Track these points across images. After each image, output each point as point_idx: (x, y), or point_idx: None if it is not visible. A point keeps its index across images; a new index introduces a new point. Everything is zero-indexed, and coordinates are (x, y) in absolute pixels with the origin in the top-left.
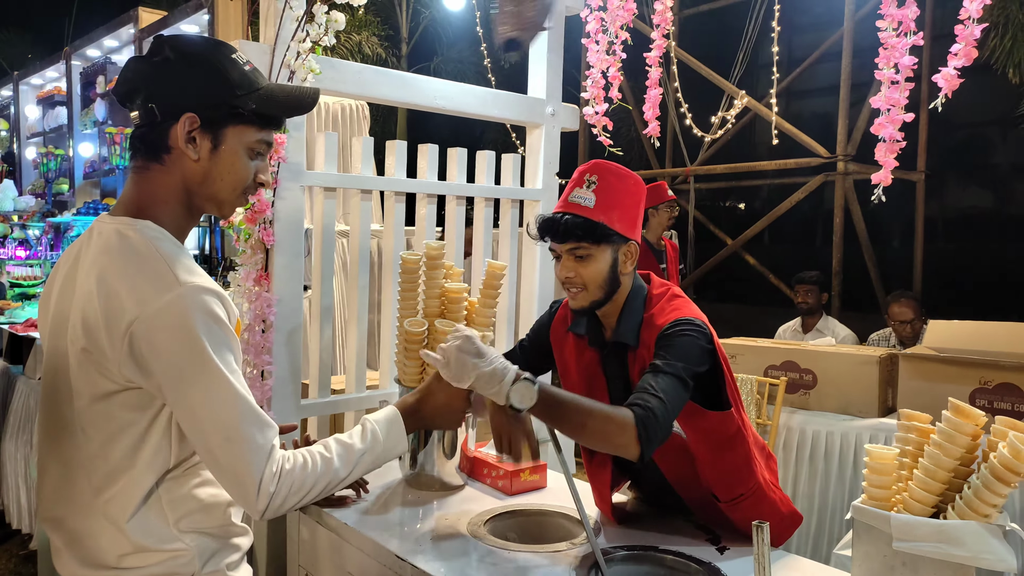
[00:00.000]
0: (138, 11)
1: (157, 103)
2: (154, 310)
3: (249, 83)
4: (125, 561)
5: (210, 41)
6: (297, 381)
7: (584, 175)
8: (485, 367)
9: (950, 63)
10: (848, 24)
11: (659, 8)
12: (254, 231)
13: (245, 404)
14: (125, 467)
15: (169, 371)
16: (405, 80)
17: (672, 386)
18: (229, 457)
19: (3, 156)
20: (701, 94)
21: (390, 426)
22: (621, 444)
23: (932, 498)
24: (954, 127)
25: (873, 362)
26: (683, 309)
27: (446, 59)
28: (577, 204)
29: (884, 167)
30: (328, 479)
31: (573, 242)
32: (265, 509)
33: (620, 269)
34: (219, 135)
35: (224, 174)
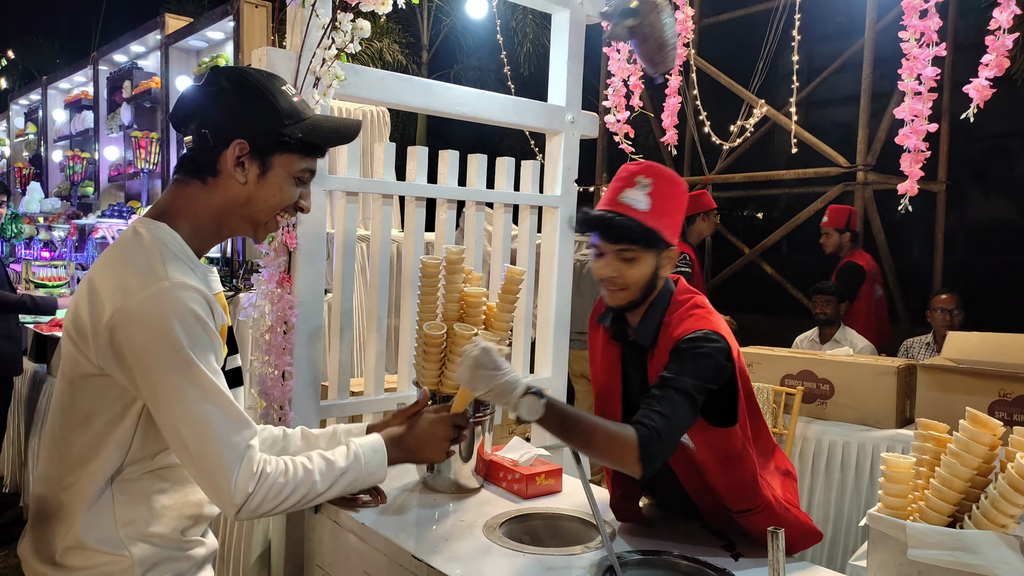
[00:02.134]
0: (164, 17)
1: (210, 129)
2: (135, 302)
3: (297, 113)
4: (67, 557)
5: (263, 73)
6: (317, 383)
7: (636, 176)
8: (499, 379)
9: (981, 73)
10: (869, 34)
11: (680, 17)
12: (277, 234)
13: (222, 401)
14: (88, 456)
15: (144, 363)
16: (428, 87)
17: (679, 404)
18: (202, 455)
19: (31, 159)
20: (720, 103)
21: (374, 453)
22: (623, 462)
23: (948, 507)
24: (975, 138)
25: (891, 372)
26: (704, 320)
27: (466, 66)
28: (629, 206)
29: (910, 177)
30: (306, 491)
31: (625, 244)
32: (240, 508)
33: (660, 273)
34: (267, 162)
35: (269, 198)
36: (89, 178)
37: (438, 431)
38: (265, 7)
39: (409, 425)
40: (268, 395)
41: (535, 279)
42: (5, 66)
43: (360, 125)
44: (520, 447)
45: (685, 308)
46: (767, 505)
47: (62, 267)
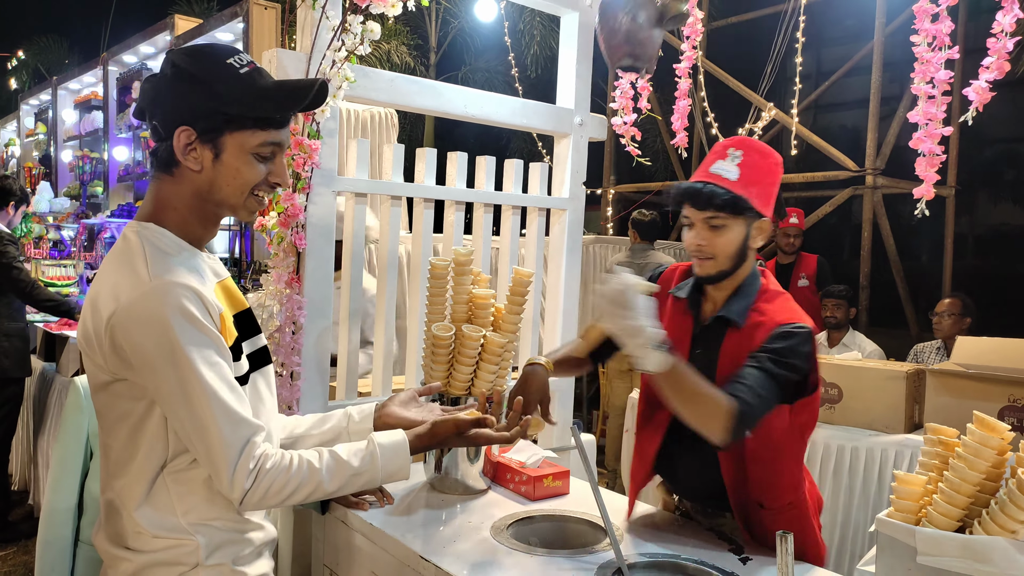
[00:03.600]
0: (174, 19)
1: (159, 119)
2: (126, 304)
3: (241, 88)
4: (137, 542)
5: (206, 50)
6: (325, 383)
7: (728, 148)
8: (629, 321)
9: (982, 76)
10: (878, 37)
11: (690, 20)
12: (287, 235)
13: (216, 400)
14: (128, 456)
15: (144, 364)
16: (437, 89)
17: (771, 389)
18: (204, 449)
19: (40, 159)
20: (729, 106)
21: (395, 453)
22: (712, 427)
23: (957, 512)
24: (985, 142)
25: (900, 377)
26: (799, 312)
27: (474, 68)
28: (719, 176)
29: (926, 181)
30: (311, 487)
31: (712, 211)
32: (240, 501)
33: (750, 243)
34: (218, 144)
35: (229, 180)
36: (98, 178)
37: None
38: (275, 8)
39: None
40: (277, 395)
41: (543, 281)
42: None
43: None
44: (527, 449)
45: (781, 298)
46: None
47: (71, 266)
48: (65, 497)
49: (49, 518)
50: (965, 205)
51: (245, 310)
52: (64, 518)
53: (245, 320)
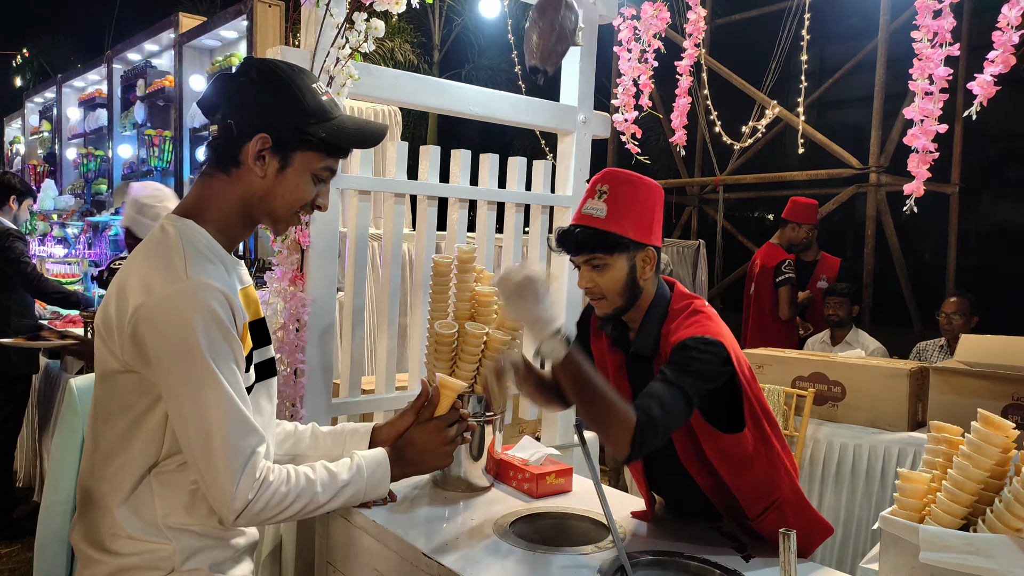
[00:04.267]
0: (178, 16)
1: (235, 119)
2: (157, 299)
3: (323, 112)
4: (114, 544)
5: (294, 68)
6: (329, 380)
7: (596, 185)
8: (535, 312)
9: (986, 70)
10: (882, 35)
11: (692, 18)
12: (290, 232)
13: (231, 406)
14: (120, 449)
15: (163, 361)
16: (441, 86)
17: (676, 401)
18: (208, 456)
19: (45, 156)
20: (732, 103)
21: (377, 467)
22: (615, 439)
23: (961, 510)
24: (989, 140)
25: (903, 375)
26: (702, 326)
27: (477, 66)
28: (589, 216)
29: (917, 178)
30: (307, 501)
31: (587, 254)
32: (240, 514)
33: (639, 275)
34: (287, 157)
35: (286, 194)
36: (103, 176)
37: (434, 439)
38: (279, 6)
39: (407, 440)
40: (280, 392)
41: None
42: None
43: (386, 130)
44: (530, 446)
45: (684, 316)
46: (782, 500)
47: (75, 264)
48: (61, 496)
49: (46, 517)
50: (969, 202)
51: (260, 319)
52: (60, 517)
53: (259, 329)
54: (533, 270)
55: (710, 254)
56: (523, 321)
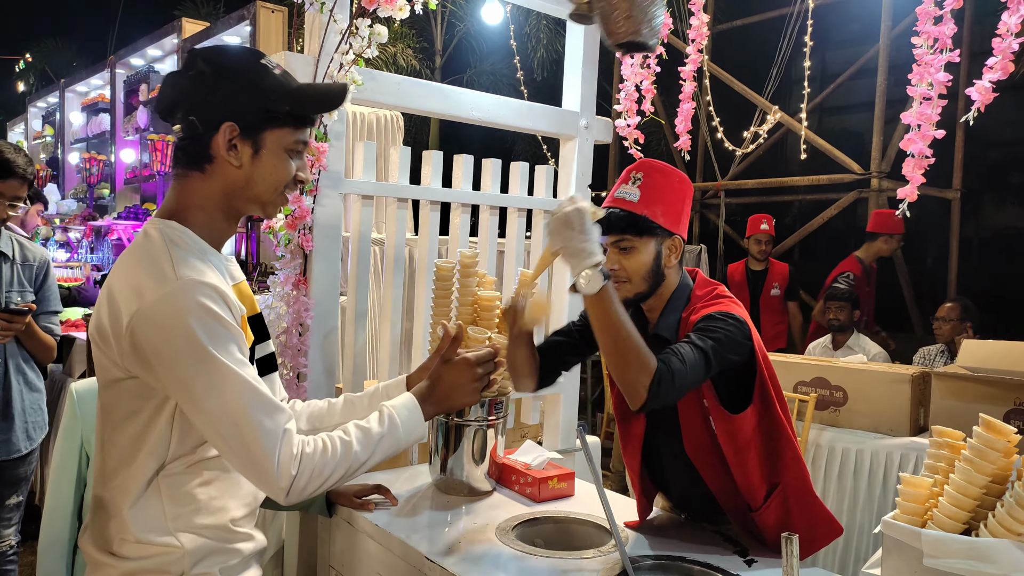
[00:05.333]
0: (181, 22)
1: (197, 116)
2: (149, 303)
3: (282, 86)
4: (123, 548)
5: (240, 50)
6: (332, 384)
7: (630, 172)
8: (578, 242)
9: (985, 76)
10: (884, 41)
11: (695, 24)
12: (294, 236)
13: (250, 390)
14: (130, 454)
15: (168, 365)
16: (443, 92)
17: (697, 360)
18: (241, 444)
19: (47, 161)
20: (733, 109)
21: (408, 412)
22: (633, 382)
23: (963, 514)
24: (990, 145)
25: (905, 380)
26: (725, 306)
27: (479, 71)
28: (622, 199)
29: (911, 183)
30: (349, 463)
31: (617, 234)
32: (288, 490)
33: (664, 262)
34: (258, 140)
35: (267, 176)
36: (105, 180)
37: (463, 375)
38: (281, 12)
39: (435, 376)
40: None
41: (548, 282)
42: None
43: (346, 88)
44: (532, 450)
45: (705, 300)
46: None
47: (78, 268)
48: (62, 500)
49: (48, 520)
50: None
51: (257, 314)
52: (61, 521)
53: (257, 324)
54: (581, 204)
55: (712, 259)
56: (565, 251)
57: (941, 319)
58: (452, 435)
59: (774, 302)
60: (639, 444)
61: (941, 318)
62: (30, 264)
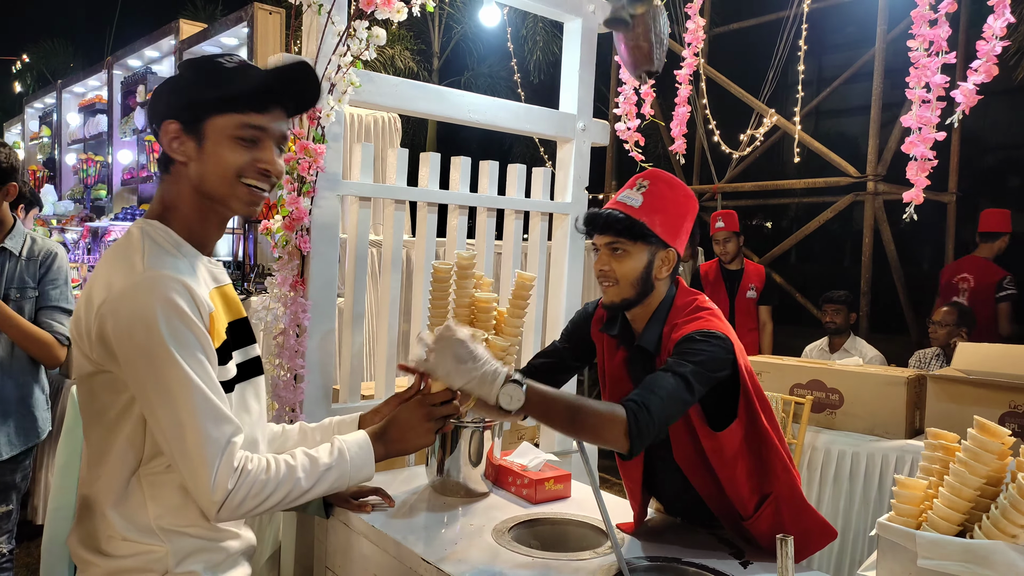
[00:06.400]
0: (179, 23)
1: (155, 123)
2: (116, 294)
3: (218, 73)
4: (108, 546)
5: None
6: (328, 385)
7: (637, 179)
8: (477, 371)
9: (970, 79)
10: (879, 44)
11: (691, 27)
12: (291, 238)
13: (201, 396)
14: (104, 450)
15: (127, 356)
16: (441, 94)
17: (675, 386)
18: (182, 448)
19: (44, 162)
20: (730, 112)
21: (359, 449)
22: (611, 439)
23: (958, 516)
24: (986, 149)
25: (901, 383)
26: (706, 321)
27: (477, 74)
28: (624, 203)
29: (916, 186)
30: (289, 488)
31: (611, 236)
32: (221, 505)
33: (655, 273)
34: (199, 132)
35: (213, 167)
36: (102, 181)
37: (416, 415)
38: (279, 13)
39: (391, 418)
40: (280, 397)
41: (546, 285)
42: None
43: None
44: (529, 452)
45: (688, 311)
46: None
47: (74, 269)
48: (64, 501)
49: (51, 521)
50: (966, 211)
51: (242, 319)
52: (64, 522)
53: (240, 329)
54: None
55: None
56: (470, 386)
57: (937, 323)
58: (449, 437)
59: (750, 305)
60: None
61: (937, 322)
62: (34, 258)
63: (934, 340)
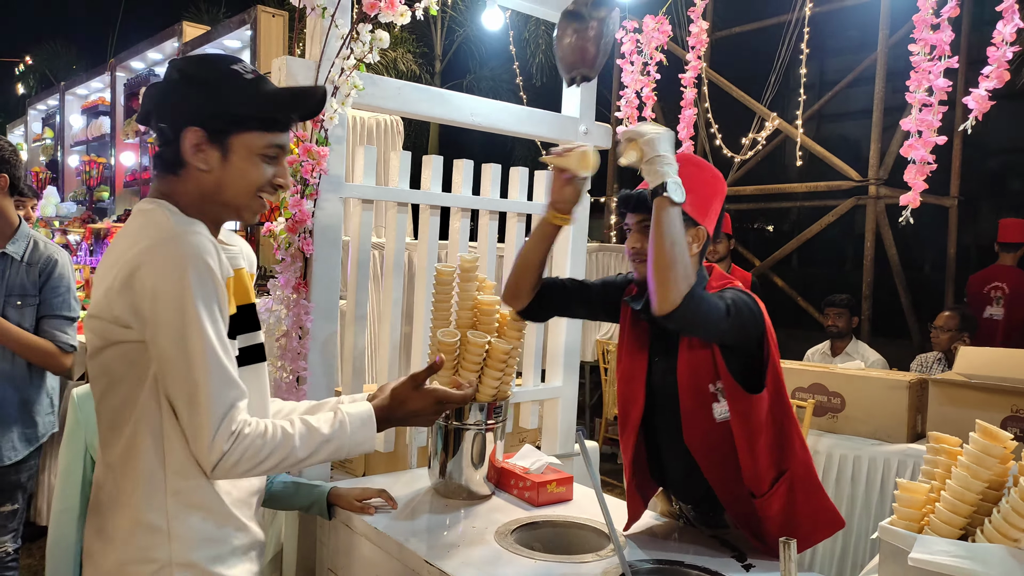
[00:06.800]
0: (182, 25)
1: (167, 122)
2: (147, 246)
3: (250, 89)
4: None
5: (213, 57)
6: (331, 387)
7: None
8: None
9: (981, 85)
10: (882, 48)
11: (695, 31)
12: (294, 240)
13: (214, 358)
14: (119, 423)
15: (153, 309)
16: (443, 97)
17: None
18: (190, 407)
19: (47, 163)
20: (732, 115)
21: (361, 423)
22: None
23: (960, 520)
24: (988, 153)
25: (903, 387)
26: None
27: (479, 76)
28: None
29: (913, 189)
30: (284, 454)
31: (643, 214)
32: (215, 465)
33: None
34: (226, 144)
35: (236, 180)
36: (105, 183)
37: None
38: (282, 16)
39: (401, 398)
40: (283, 399)
41: None
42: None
43: (323, 91)
44: (531, 455)
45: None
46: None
47: (78, 271)
48: (68, 503)
49: (55, 525)
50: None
51: (250, 304)
52: (68, 524)
53: (248, 314)
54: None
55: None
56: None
57: (939, 328)
58: (451, 439)
59: None
60: (635, 430)
61: (939, 327)
62: (35, 265)
63: (936, 345)
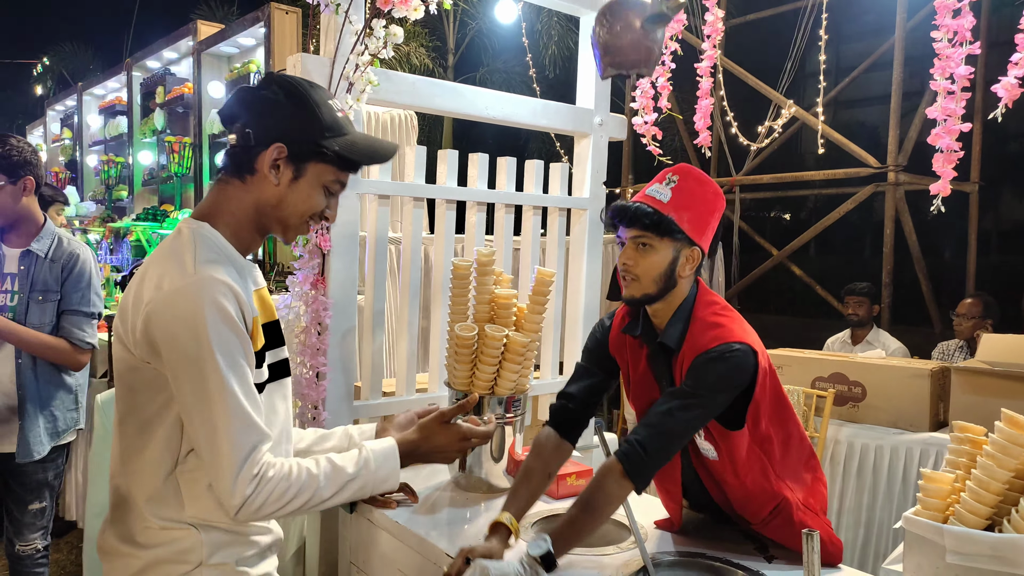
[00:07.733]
0: (196, 24)
1: (253, 128)
2: (166, 294)
3: (338, 127)
4: (144, 537)
5: (312, 85)
6: (350, 383)
7: (667, 174)
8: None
9: (1010, 72)
10: (899, 33)
11: (710, 19)
12: (312, 236)
13: (235, 402)
14: (141, 444)
15: (172, 356)
16: (458, 91)
17: (676, 412)
18: (210, 451)
19: (66, 164)
20: (747, 104)
21: (386, 459)
22: (619, 491)
23: (985, 510)
24: (1009, 137)
25: (924, 375)
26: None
27: (492, 69)
28: (652, 197)
29: (942, 178)
30: (309, 495)
31: (638, 230)
32: (239, 509)
33: (678, 270)
34: (301, 168)
35: (298, 203)
36: (123, 182)
37: (454, 444)
38: (296, 13)
39: (427, 433)
40: (303, 395)
41: (564, 281)
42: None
43: (395, 149)
44: None
45: (711, 313)
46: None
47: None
48: (98, 509)
49: (90, 524)
50: (989, 201)
51: (274, 321)
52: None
53: (272, 330)
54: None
55: (727, 255)
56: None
57: (961, 315)
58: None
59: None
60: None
61: (962, 315)
62: (58, 260)
63: (959, 333)
